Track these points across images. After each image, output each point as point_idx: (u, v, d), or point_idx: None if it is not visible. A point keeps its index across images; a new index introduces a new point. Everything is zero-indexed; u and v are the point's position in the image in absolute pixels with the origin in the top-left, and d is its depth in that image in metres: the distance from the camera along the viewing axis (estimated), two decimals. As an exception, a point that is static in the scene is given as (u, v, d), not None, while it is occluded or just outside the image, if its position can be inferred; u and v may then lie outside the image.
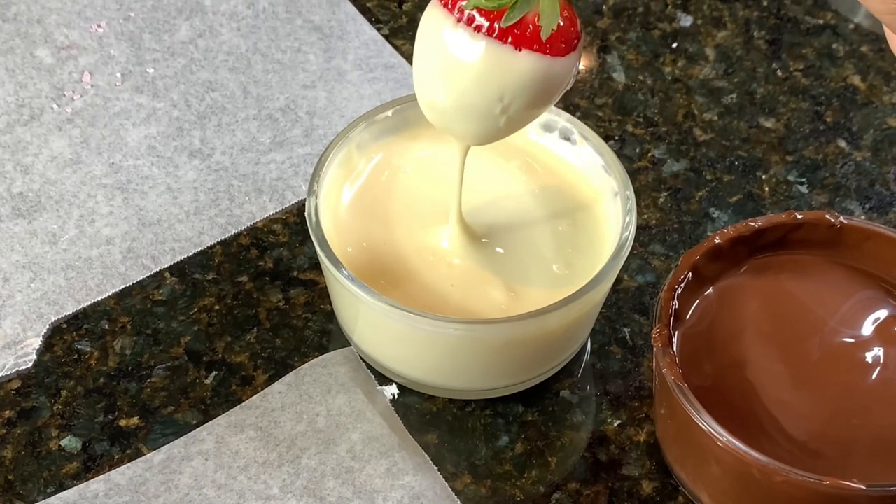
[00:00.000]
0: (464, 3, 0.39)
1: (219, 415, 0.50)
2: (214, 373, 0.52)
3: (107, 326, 0.53)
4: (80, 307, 0.53)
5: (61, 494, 0.48)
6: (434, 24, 0.40)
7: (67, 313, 0.53)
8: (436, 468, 0.49)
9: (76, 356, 0.52)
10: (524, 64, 0.40)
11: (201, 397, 0.51)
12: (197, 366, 0.52)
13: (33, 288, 0.54)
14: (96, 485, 0.48)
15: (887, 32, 0.39)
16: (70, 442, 0.49)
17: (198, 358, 0.52)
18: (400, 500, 0.48)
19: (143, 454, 0.49)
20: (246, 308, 0.54)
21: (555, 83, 0.41)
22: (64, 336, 0.52)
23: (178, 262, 0.55)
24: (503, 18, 0.39)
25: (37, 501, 0.47)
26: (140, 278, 0.54)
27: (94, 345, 0.52)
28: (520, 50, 0.39)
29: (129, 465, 0.48)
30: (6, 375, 0.51)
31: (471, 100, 0.41)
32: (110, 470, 0.48)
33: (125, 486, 0.48)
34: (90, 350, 0.52)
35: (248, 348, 0.52)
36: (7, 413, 0.50)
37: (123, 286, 0.54)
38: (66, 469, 0.49)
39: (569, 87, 0.42)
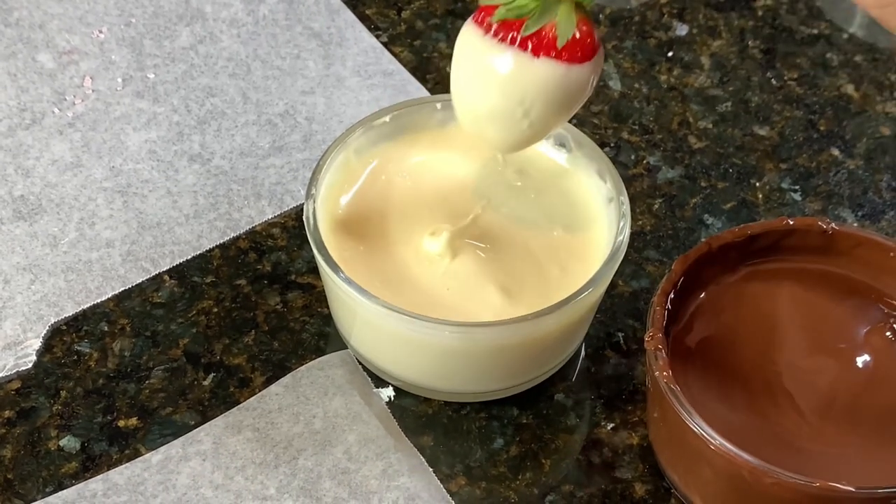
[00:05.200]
0: (491, 18, 0.43)
1: (216, 416, 0.51)
2: (212, 374, 0.52)
3: (106, 328, 0.53)
4: (80, 309, 0.54)
5: (60, 493, 0.48)
6: (467, 39, 0.45)
7: (67, 315, 0.54)
8: (431, 470, 0.49)
9: (76, 357, 0.52)
10: (541, 70, 0.43)
11: (199, 398, 0.51)
12: (195, 367, 0.52)
13: (33, 290, 0.54)
14: (95, 484, 0.48)
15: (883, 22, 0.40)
16: (69, 442, 0.50)
17: (196, 360, 0.53)
18: (395, 501, 0.48)
19: (141, 454, 0.49)
20: (244, 311, 0.54)
21: (571, 90, 0.44)
22: (64, 337, 0.53)
23: (177, 265, 0.55)
24: (523, 28, 0.43)
25: (36, 500, 0.48)
26: (139, 281, 0.55)
27: (93, 346, 0.53)
28: (538, 57, 0.43)
29: (127, 464, 0.49)
30: (6, 376, 0.52)
31: (496, 103, 0.44)
32: (109, 470, 0.49)
33: (123, 485, 0.48)
34: (89, 351, 0.53)
35: (246, 350, 0.53)
36: (7, 413, 0.51)
37: (123, 288, 0.55)
38: (64, 469, 0.49)
39: (588, 96, 0.45)
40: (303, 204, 0.52)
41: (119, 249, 0.56)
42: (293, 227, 0.57)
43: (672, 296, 0.48)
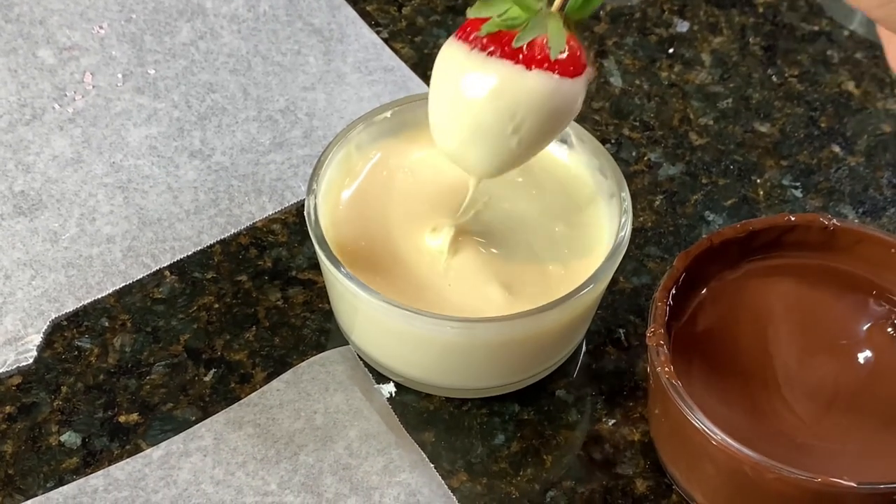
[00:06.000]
0: (479, 32, 0.42)
1: (217, 412, 0.50)
2: (213, 370, 0.52)
3: (107, 324, 0.53)
4: (81, 304, 0.54)
5: (61, 489, 0.48)
6: (449, 57, 0.43)
7: (68, 310, 0.53)
8: (432, 466, 0.49)
9: (76, 353, 0.52)
10: (535, 82, 0.42)
11: (200, 394, 0.51)
12: (196, 363, 0.52)
13: (34, 285, 0.54)
14: (95, 480, 0.48)
15: (882, 34, 0.39)
16: (70, 437, 0.50)
17: (197, 355, 0.53)
18: (396, 496, 0.48)
19: (142, 450, 0.49)
20: (245, 307, 0.54)
21: (563, 104, 0.43)
22: (64, 333, 0.53)
23: (177, 261, 0.55)
24: (515, 39, 0.42)
25: (37, 496, 0.48)
26: (140, 276, 0.55)
27: (94, 342, 0.53)
28: (530, 69, 0.42)
29: (128, 460, 0.49)
30: (7, 371, 0.51)
31: (484, 119, 0.43)
32: (110, 465, 0.49)
33: (124, 481, 0.48)
34: (90, 347, 0.53)
35: (247, 346, 0.53)
36: (8, 408, 0.51)
37: (123, 284, 0.54)
38: (65, 464, 0.49)
39: (576, 114, 0.45)
40: (303, 200, 0.52)
41: (120, 245, 0.56)
42: (294, 222, 0.57)
43: (673, 292, 0.48)
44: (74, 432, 0.50)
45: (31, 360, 0.52)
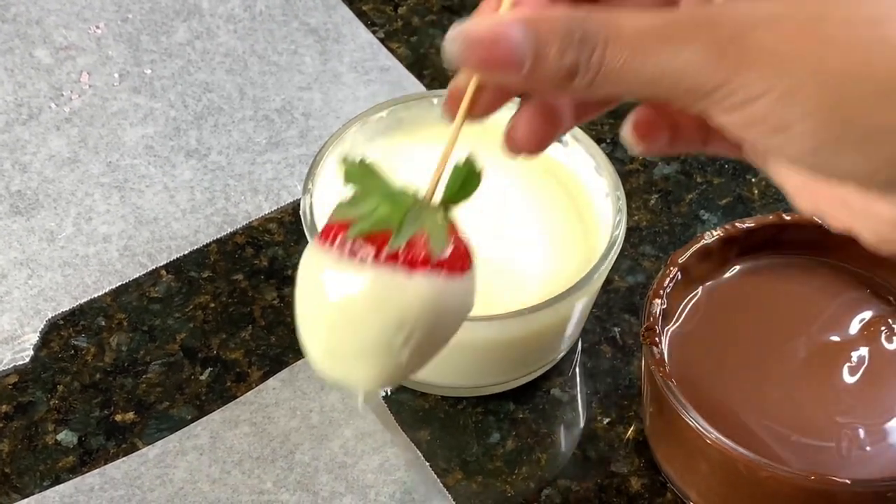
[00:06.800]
0: (346, 234, 0.36)
1: (213, 410, 0.51)
2: (209, 369, 0.52)
3: (103, 323, 0.53)
4: (77, 304, 0.54)
5: (57, 488, 0.48)
6: (315, 266, 0.37)
7: (64, 310, 0.54)
8: (427, 464, 0.49)
9: (73, 352, 0.52)
10: (420, 287, 0.36)
11: (196, 393, 0.51)
12: (192, 362, 0.52)
13: (31, 284, 0.54)
14: (92, 478, 0.48)
15: (785, 182, 0.36)
16: (66, 436, 0.50)
17: (193, 354, 0.53)
18: (392, 495, 0.48)
19: (138, 448, 0.49)
20: (241, 306, 0.54)
21: (455, 305, 0.37)
22: (61, 332, 0.53)
23: (174, 260, 0.56)
24: (390, 242, 0.35)
25: (33, 494, 0.48)
26: (136, 276, 0.55)
27: (90, 341, 0.53)
28: (413, 273, 0.36)
29: (124, 459, 0.49)
30: (3, 371, 0.52)
31: (369, 335, 0.36)
32: (106, 464, 0.49)
33: (120, 479, 0.48)
34: (87, 346, 0.53)
35: (243, 345, 0.53)
36: (4, 408, 0.51)
37: (120, 283, 0.55)
38: (62, 463, 0.49)
39: (471, 309, 0.38)
40: (299, 199, 0.52)
41: (116, 244, 0.56)
42: (290, 222, 0.57)
43: (668, 291, 0.48)
44: (71, 431, 0.50)
45: (27, 360, 0.52)
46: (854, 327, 0.48)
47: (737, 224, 0.50)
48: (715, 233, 0.49)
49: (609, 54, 0.31)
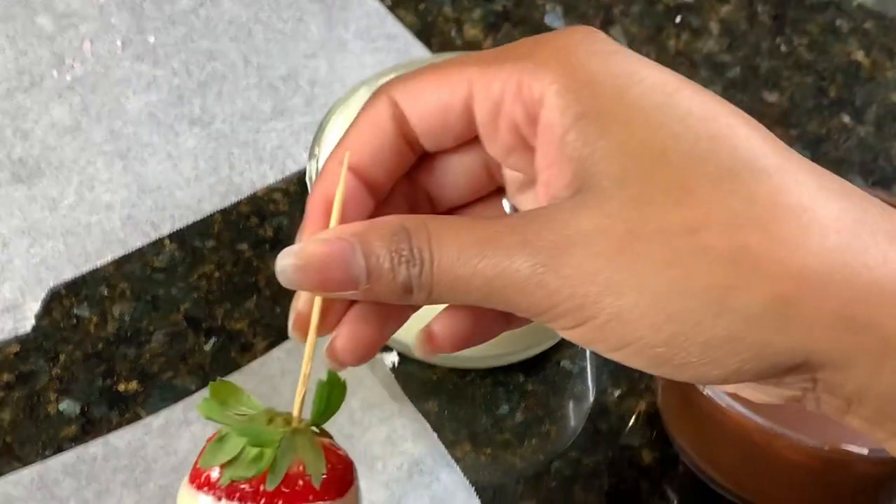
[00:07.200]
0: (220, 482, 0.35)
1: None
2: (213, 339, 0.51)
3: (106, 292, 0.53)
4: (80, 273, 0.53)
5: (59, 457, 0.47)
6: None
7: (66, 279, 0.53)
8: (435, 435, 0.49)
9: (75, 321, 0.52)
10: None
11: (200, 363, 0.51)
12: (196, 332, 0.52)
13: (32, 253, 0.53)
14: (95, 448, 0.48)
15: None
16: (68, 406, 0.49)
17: (197, 324, 0.52)
18: (399, 466, 0.47)
19: (141, 418, 0.49)
20: (246, 276, 0.53)
21: None
22: (63, 301, 0.52)
23: (177, 230, 0.55)
24: (267, 482, 0.35)
25: (34, 464, 0.47)
26: (139, 245, 0.54)
27: (92, 310, 0.52)
28: None
29: (127, 428, 0.48)
30: (5, 340, 0.51)
31: None
32: (109, 434, 0.48)
33: (124, 449, 0.48)
34: (89, 315, 0.52)
35: (248, 315, 0.52)
36: (5, 377, 0.50)
37: (123, 252, 0.54)
38: (64, 432, 0.48)
39: None
40: (305, 168, 0.51)
41: (119, 213, 0.55)
42: (295, 191, 0.56)
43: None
44: (73, 400, 0.49)
45: (28, 329, 0.51)
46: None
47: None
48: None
49: (436, 266, 0.31)
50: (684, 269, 0.29)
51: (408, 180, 0.36)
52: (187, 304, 0.52)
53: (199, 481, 0.36)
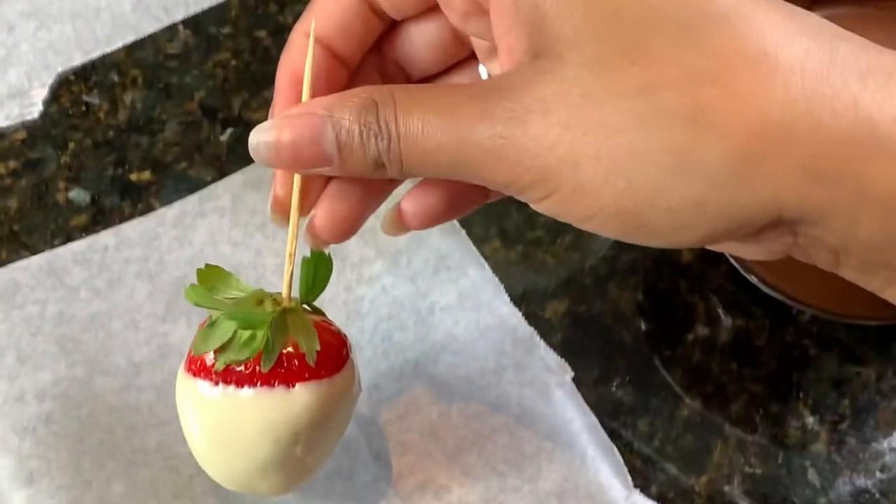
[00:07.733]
0: (215, 367, 0.35)
1: (234, 172, 0.47)
2: (230, 129, 0.49)
3: (116, 79, 0.50)
4: (89, 58, 0.50)
5: (70, 245, 0.45)
6: (191, 394, 0.36)
7: (75, 64, 0.50)
8: (463, 231, 0.46)
9: (84, 108, 0.49)
10: (304, 397, 0.36)
11: (216, 154, 0.48)
12: (212, 122, 0.49)
13: (39, 37, 0.50)
14: (106, 237, 0.45)
15: None
16: (78, 194, 0.47)
17: (213, 114, 0.49)
18: (426, 260, 0.45)
19: (154, 209, 0.46)
20: (264, 64, 0.50)
21: (342, 399, 0.37)
22: (72, 87, 0.49)
23: (192, 15, 0.51)
24: (262, 363, 0.35)
25: (43, 252, 0.45)
26: (152, 31, 0.51)
27: (102, 97, 0.49)
28: (293, 387, 0.35)
29: (140, 218, 0.46)
30: (11, 126, 0.48)
31: (267, 454, 0.36)
32: (121, 223, 0.46)
33: (137, 239, 0.45)
34: (99, 102, 0.49)
35: (266, 105, 0.49)
36: (12, 164, 0.47)
37: (134, 38, 0.51)
38: (74, 221, 0.46)
39: (360, 393, 0.38)
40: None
41: (129, -4, 0.52)
42: (317, -23, 0.53)
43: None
44: (83, 189, 0.47)
45: (36, 115, 0.49)
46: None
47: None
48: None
49: (403, 140, 0.30)
50: (641, 134, 0.28)
51: (378, 52, 0.35)
52: (202, 93, 0.49)
53: (195, 368, 0.35)
